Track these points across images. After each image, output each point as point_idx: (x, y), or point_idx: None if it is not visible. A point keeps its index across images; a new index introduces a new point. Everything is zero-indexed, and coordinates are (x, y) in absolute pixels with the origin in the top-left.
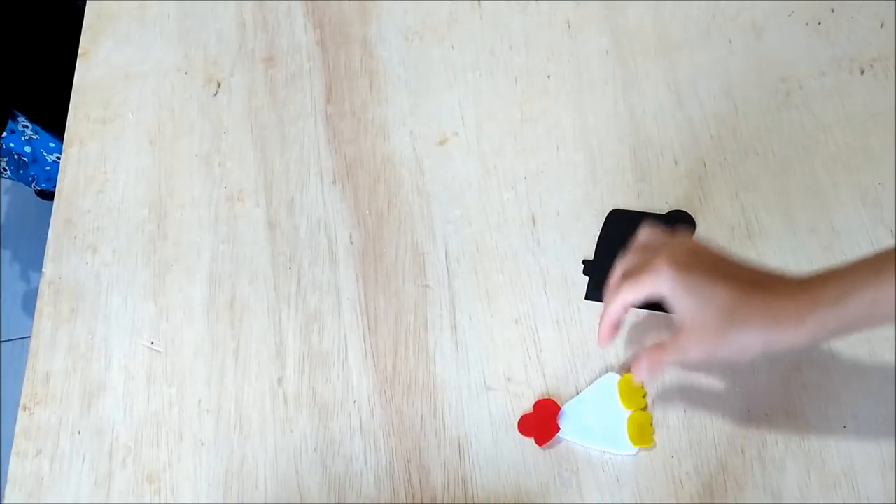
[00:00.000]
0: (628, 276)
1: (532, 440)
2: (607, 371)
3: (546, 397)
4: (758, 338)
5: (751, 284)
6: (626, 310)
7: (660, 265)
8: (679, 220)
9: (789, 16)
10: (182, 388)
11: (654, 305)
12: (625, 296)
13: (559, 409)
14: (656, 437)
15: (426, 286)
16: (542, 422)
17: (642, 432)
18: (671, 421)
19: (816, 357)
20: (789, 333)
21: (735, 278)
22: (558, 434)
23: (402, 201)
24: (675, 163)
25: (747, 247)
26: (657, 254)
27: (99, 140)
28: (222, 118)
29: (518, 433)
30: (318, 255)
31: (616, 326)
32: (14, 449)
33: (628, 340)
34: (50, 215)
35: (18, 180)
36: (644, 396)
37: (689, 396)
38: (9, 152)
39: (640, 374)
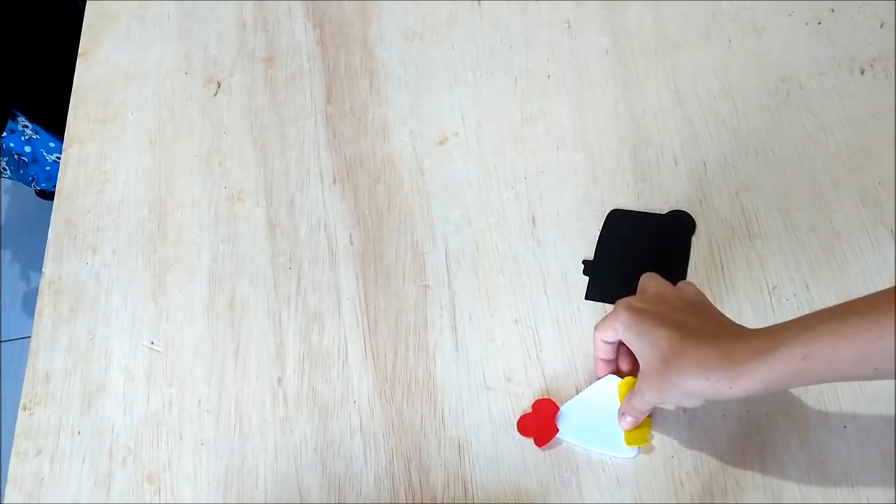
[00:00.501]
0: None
1: (532, 440)
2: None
3: (545, 397)
4: (693, 385)
5: (693, 333)
6: (606, 344)
7: (619, 310)
8: (679, 220)
9: (789, 16)
10: (182, 388)
11: None
12: (597, 333)
13: (558, 409)
14: (655, 439)
15: (426, 286)
16: (541, 423)
17: (637, 431)
18: (671, 421)
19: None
20: (723, 385)
21: (681, 326)
22: (557, 435)
23: (402, 201)
24: (675, 163)
25: (747, 247)
26: (630, 298)
27: (99, 140)
28: (222, 118)
29: (517, 433)
30: (318, 255)
31: (606, 359)
32: (14, 449)
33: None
34: (50, 215)
35: (18, 180)
36: None
37: None
38: (9, 152)
39: (626, 426)
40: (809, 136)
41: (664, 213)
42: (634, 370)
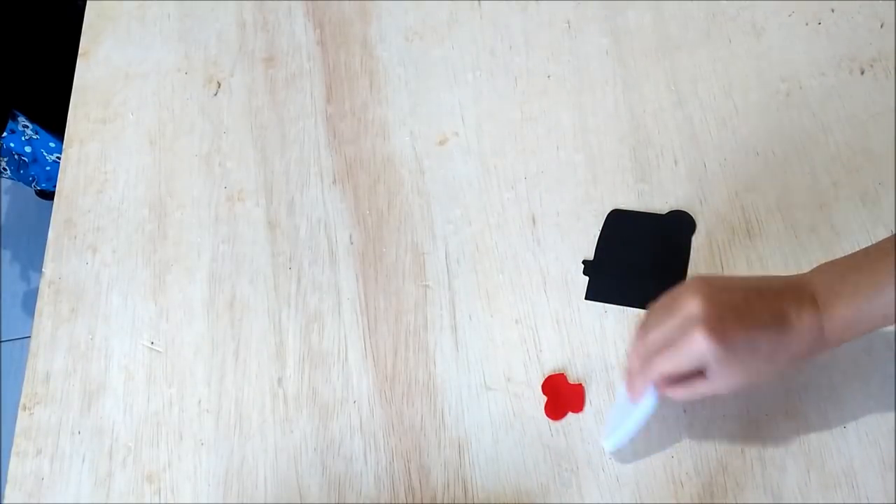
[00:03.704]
0: (661, 345)
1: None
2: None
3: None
4: (802, 358)
5: (782, 320)
6: (661, 378)
7: (696, 336)
8: (679, 220)
9: (789, 16)
10: (182, 388)
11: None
12: (661, 366)
13: (565, 379)
14: (655, 439)
15: (426, 286)
16: (561, 397)
17: None
18: (671, 421)
19: (816, 357)
20: (825, 346)
21: (764, 319)
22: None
23: (402, 201)
24: (675, 163)
25: (747, 247)
26: (686, 319)
27: (99, 140)
28: (222, 118)
29: (546, 417)
30: (318, 255)
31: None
32: (14, 449)
33: (627, 339)
34: (50, 215)
35: (18, 180)
36: None
37: None
38: (9, 152)
39: (677, 397)
40: (809, 136)
41: (664, 213)
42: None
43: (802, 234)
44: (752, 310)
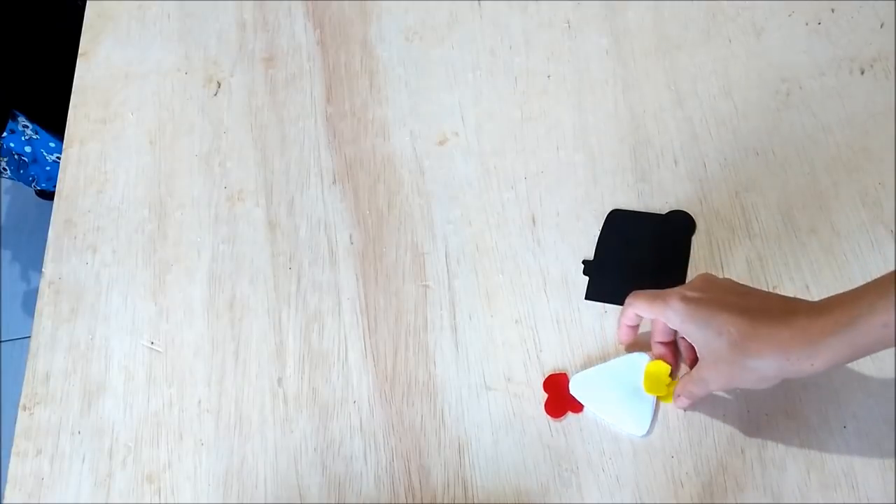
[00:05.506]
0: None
1: (553, 420)
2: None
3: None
4: (771, 369)
5: (760, 314)
6: (637, 317)
7: (671, 299)
8: (679, 220)
9: (789, 16)
10: (182, 388)
11: None
12: (637, 308)
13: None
14: (656, 439)
15: (426, 286)
16: (562, 396)
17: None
18: (671, 421)
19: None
20: (803, 363)
21: (745, 309)
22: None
23: (402, 201)
24: (675, 163)
25: (747, 247)
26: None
27: (99, 140)
28: (222, 118)
29: (545, 414)
30: (318, 255)
31: (632, 328)
32: (14, 449)
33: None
34: (50, 215)
35: (18, 180)
36: (669, 385)
37: None
38: (9, 152)
39: (680, 406)
40: (809, 136)
41: (664, 213)
42: (673, 351)
43: (802, 234)
44: (734, 296)
